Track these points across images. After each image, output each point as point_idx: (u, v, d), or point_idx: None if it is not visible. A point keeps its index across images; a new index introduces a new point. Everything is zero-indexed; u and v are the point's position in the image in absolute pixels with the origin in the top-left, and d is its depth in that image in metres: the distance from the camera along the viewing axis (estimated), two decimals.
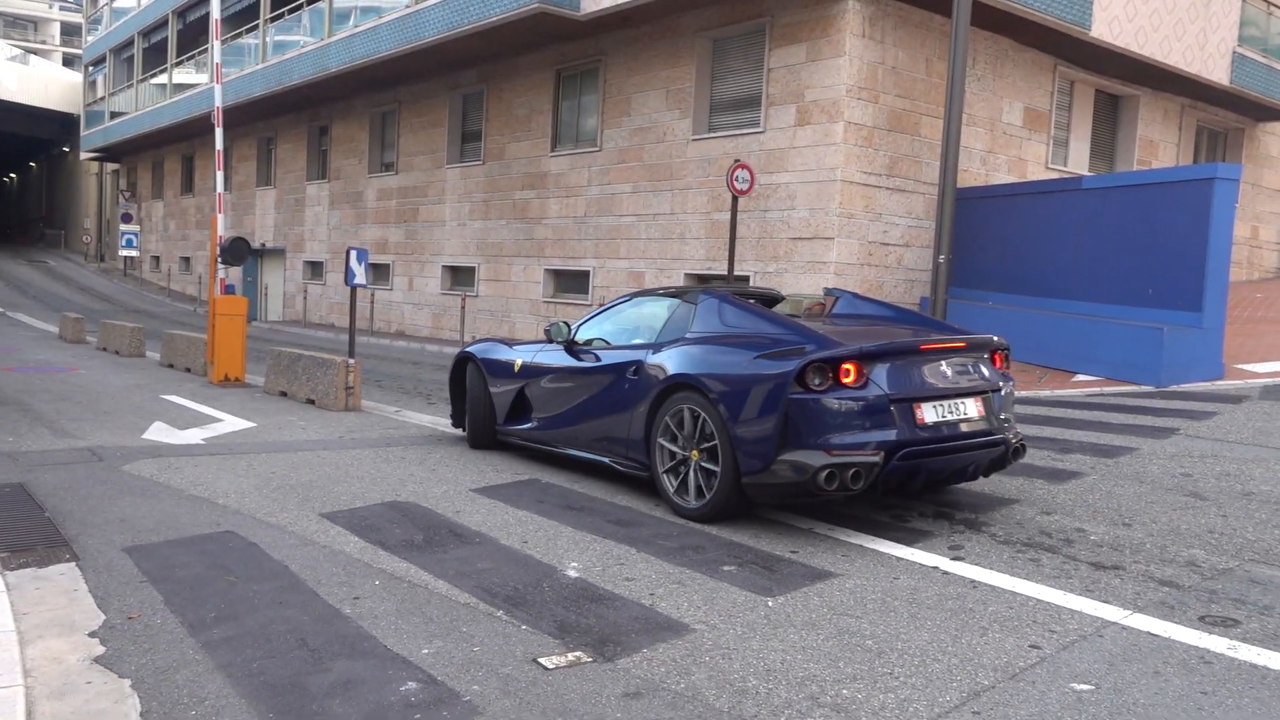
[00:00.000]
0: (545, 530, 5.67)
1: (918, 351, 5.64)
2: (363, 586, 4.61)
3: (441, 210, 22.36)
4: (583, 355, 7.13)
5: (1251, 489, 6.66)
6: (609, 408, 6.67)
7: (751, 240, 15.09)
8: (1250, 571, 4.90)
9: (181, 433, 8.91)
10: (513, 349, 8.02)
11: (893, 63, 14.40)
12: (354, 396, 10.71)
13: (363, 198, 25.31)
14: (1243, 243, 21.31)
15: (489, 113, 20.86)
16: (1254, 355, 12.69)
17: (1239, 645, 3.92)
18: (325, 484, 6.82)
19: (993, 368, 6.02)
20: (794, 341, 5.64)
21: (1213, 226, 11.46)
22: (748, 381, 5.57)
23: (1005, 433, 5.88)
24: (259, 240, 30.06)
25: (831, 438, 5.29)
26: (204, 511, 6.00)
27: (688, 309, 6.56)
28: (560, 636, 4.01)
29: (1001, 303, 14.14)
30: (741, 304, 6.29)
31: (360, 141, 25.41)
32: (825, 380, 5.34)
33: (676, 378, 5.99)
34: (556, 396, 7.31)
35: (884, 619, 4.23)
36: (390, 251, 24.14)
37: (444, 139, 22.22)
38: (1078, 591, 4.58)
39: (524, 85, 19.90)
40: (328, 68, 22.73)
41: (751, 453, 5.49)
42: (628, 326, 7.12)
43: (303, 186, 28.10)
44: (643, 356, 6.44)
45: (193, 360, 14.29)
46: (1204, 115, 20.37)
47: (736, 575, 4.83)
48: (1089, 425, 9.19)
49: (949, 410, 5.59)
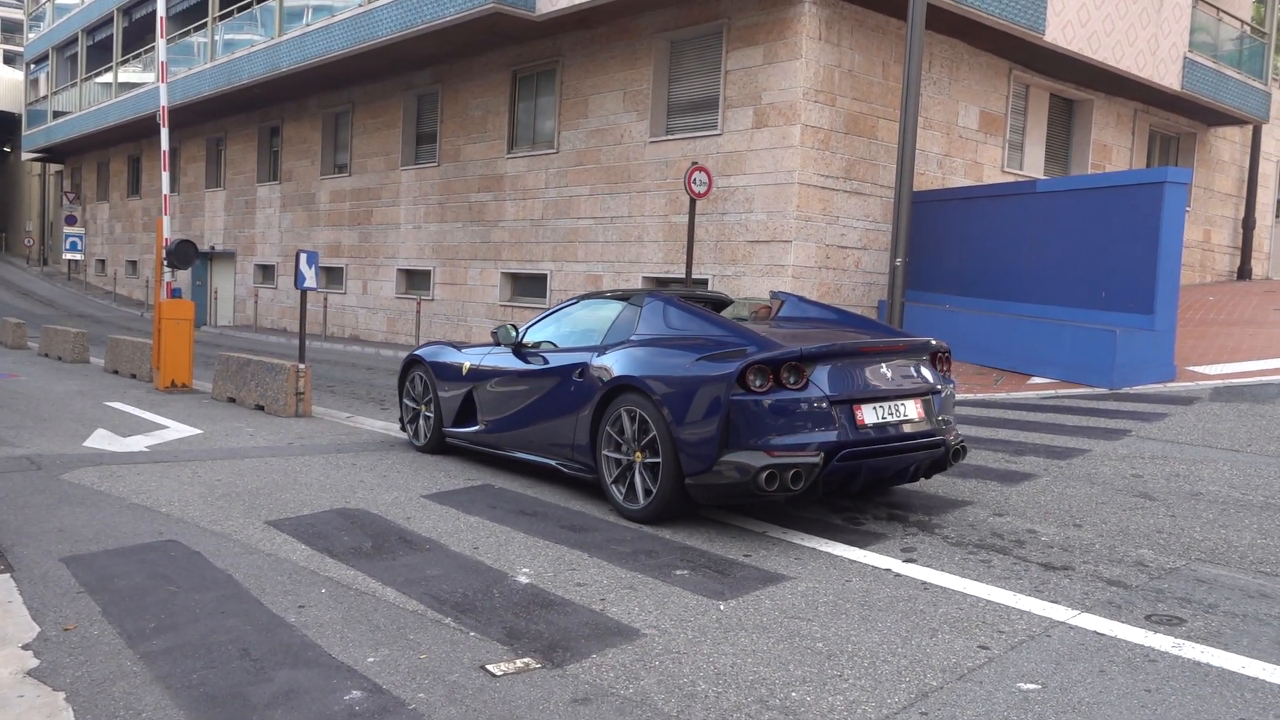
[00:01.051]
0: (497, 536, 5.66)
1: (858, 353, 5.78)
2: (308, 595, 4.58)
3: (396, 212, 22.22)
4: (530, 358, 7.22)
5: (1200, 489, 6.80)
6: (555, 410, 6.74)
7: (710, 243, 15.15)
8: (1196, 571, 5.01)
9: (125, 440, 8.77)
10: (461, 352, 8.09)
11: (849, 66, 14.54)
12: (304, 402, 10.61)
13: (315, 200, 25.08)
14: (1195, 246, 21.76)
15: (444, 114, 20.77)
16: (1205, 357, 12.96)
17: (1183, 643, 4.01)
18: (272, 491, 6.75)
19: (933, 370, 6.17)
20: (736, 343, 5.76)
21: (1164, 229, 11.69)
22: (690, 383, 5.67)
23: (945, 434, 6.02)
24: (208, 243, 29.68)
25: (772, 439, 5.41)
26: (146, 520, 5.91)
27: (633, 311, 6.65)
28: (509, 643, 4.00)
29: (958, 305, 14.31)
30: (686, 306, 6.40)
31: (313, 142, 25.18)
32: (766, 381, 5.47)
33: (620, 380, 6.08)
34: (504, 400, 7.38)
35: (835, 621, 4.27)
36: (344, 254, 23.94)
37: (398, 140, 22.09)
38: (1027, 592, 4.66)
39: (480, 86, 19.84)
40: (279, 67, 22.50)
41: (694, 454, 5.60)
42: (575, 329, 7.21)
43: (253, 188, 27.78)
44: (588, 359, 6.54)
45: (138, 366, 14.07)
46: (1156, 120, 20.78)
47: (689, 579, 4.85)
48: (1043, 427, 9.34)
49: (889, 411, 5.73)
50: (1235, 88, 20.54)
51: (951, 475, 7.25)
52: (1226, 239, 23.14)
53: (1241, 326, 15.27)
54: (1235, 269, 23.25)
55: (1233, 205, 23.24)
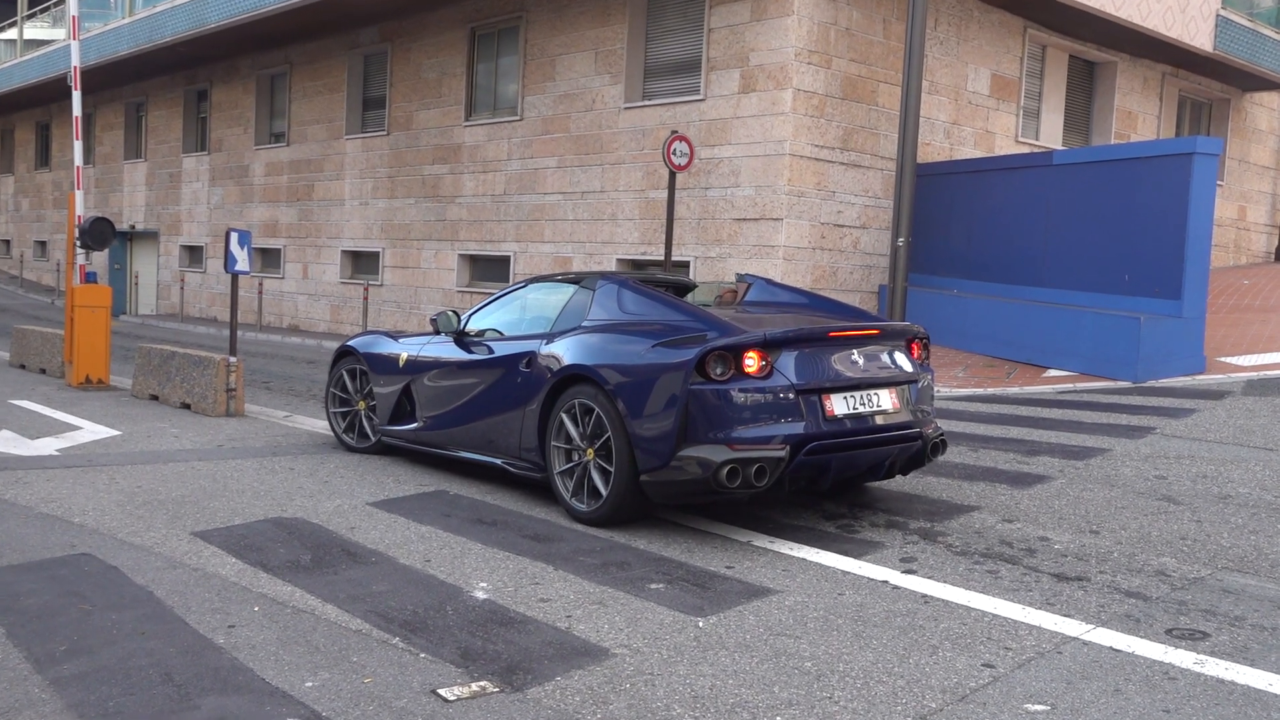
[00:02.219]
0: (451, 547, 5.68)
1: (827, 339, 5.89)
2: (239, 613, 4.59)
3: (340, 187, 22.14)
4: (473, 347, 7.32)
5: (1229, 492, 6.91)
6: (501, 404, 6.84)
7: (692, 221, 15.20)
8: (1223, 580, 5.10)
9: (32, 443, 8.74)
10: (399, 342, 8.20)
11: (846, 23, 14.61)
12: (236, 400, 10.61)
13: (249, 173, 24.96)
14: (1228, 224, 22.01)
15: (394, 76, 20.70)
16: (1238, 347, 13.13)
17: (1206, 660, 4.08)
18: (200, 499, 6.75)
19: (910, 357, 6.29)
20: (695, 329, 5.86)
21: (1192, 206, 11.83)
22: (645, 371, 5.77)
23: (923, 426, 6.14)
24: (128, 221, 29.49)
25: (734, 431, 5.52)
26: (57, 532, 5.90)
27: (585, 295, 6.77)
28: (464, 665, 4.03)
29: (966, 291, 14.43)
30: (642, 289, 6.52)
31: (245, 108, 25.04)
32: (727, 369, 5.57)
33: (571, 369, 6.18)
34: (445, 393, 7.46)
35: (826, 639, 4.32)
36: (281, 234, 23.84)
37: (342, 106, 22.01)
38: (1038, 605, 4.73)
39: (434, 45, 19.79)
40: (206, 23, 22.36)
41: (650, 449, 5.70)
42: (523, 315, 7.32)
43: (179, 160, 27.62)
44: (536, 347, 6.65)
45: (48, 360, 13.99)
46: (1186, 85, 20.99)
47: (664, 593, 4.89)
48: (1059, 425, 9.44)
49: (861, 402, 5.84)
50: (1273, 48, 20.76)
51: (958, 478, 7.33)
52: (1263, 216, 23.41)
53: (1279, 313, 15.47)
54: (1274, 249, 23.53)
55: (1270, 179, 23.51)
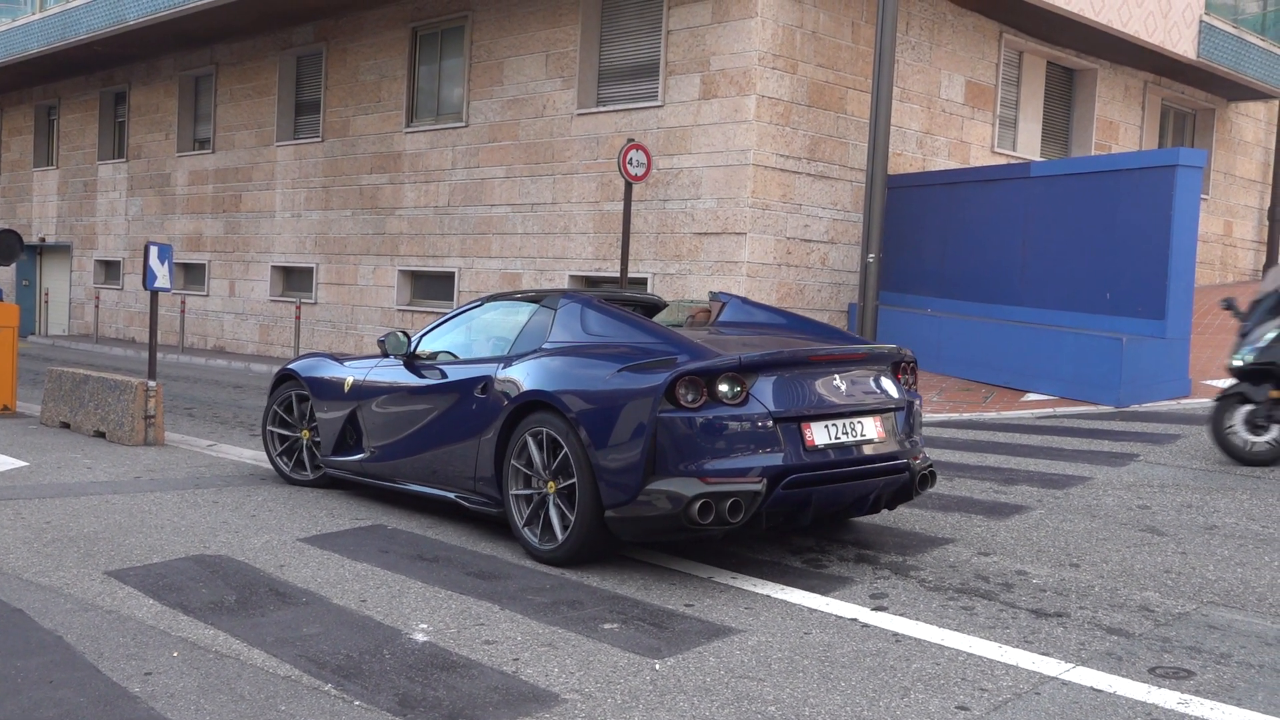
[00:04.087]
0: (389, 586, 5.65)
1: (807, 363, 5.88)
2: (157, 659, 4.54)
3: (270, 198, 22.02)
4: (425, 371, 7.27)
5: (1215, 522, 7.03)
6: (455, 433, 6.79)
7: (649, 236, 15.27)
8: (1208, 615, 5.18)
9: None
10: (344, 365, 8.11)
11: (813, 26, 14.78)
12: (156, 428, 10.52)
13: (171, 182, 24.77)
14: (1214, 240, 22.44)
15: (329, 79, 20.65)
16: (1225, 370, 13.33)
17: (1190, 699, 4.15)
18: (115, 535, 6.67)
19: (896, 383, 6.31)
20: (664, 352, 5.84)
21: (1175, 221, 12.06)
22: (609, 398, 5.74)
23: (911, 456, 6.15)
24: (37, 234, 29.18)
25: (706, 463, 5.48)
26: None
27: (546, 315, 6.74)
28: (402, 713, 4.01)
29: (941, 310, 14.60)
30: (606, 309, 6.50)
31: (167, 112, 24.89)
32: (699, 396, 5.55)
33: (530, 395, 6.14)
34: (394, 421, 7.39)
35: (790, 681, 4.34)
36: (206, 248, 23.66)
37: (273, 110, 21.92)
38: (1015, 643, 4.78)
39: (372, 46, 19.77)
40: (125, 19, 22.20)
41: (615, 482, 5.65)
42: (479, 337, 7.29)
43: (94, 167, 27.39)
44: (492, 371, 6.61)
45: None
46: (1169, 94, 21.43)
47: (619, 634, 4.90)
48: (1038, 451, 9.56)
49: (844, 430, 5.83)
50: (1258, 56, 21.25)
51: (932, 509, 7.40)
52: (1250, 232, 23.91)
53: None
54: (1261, 267, 23.99)
55: (1257, 193, 24.02)
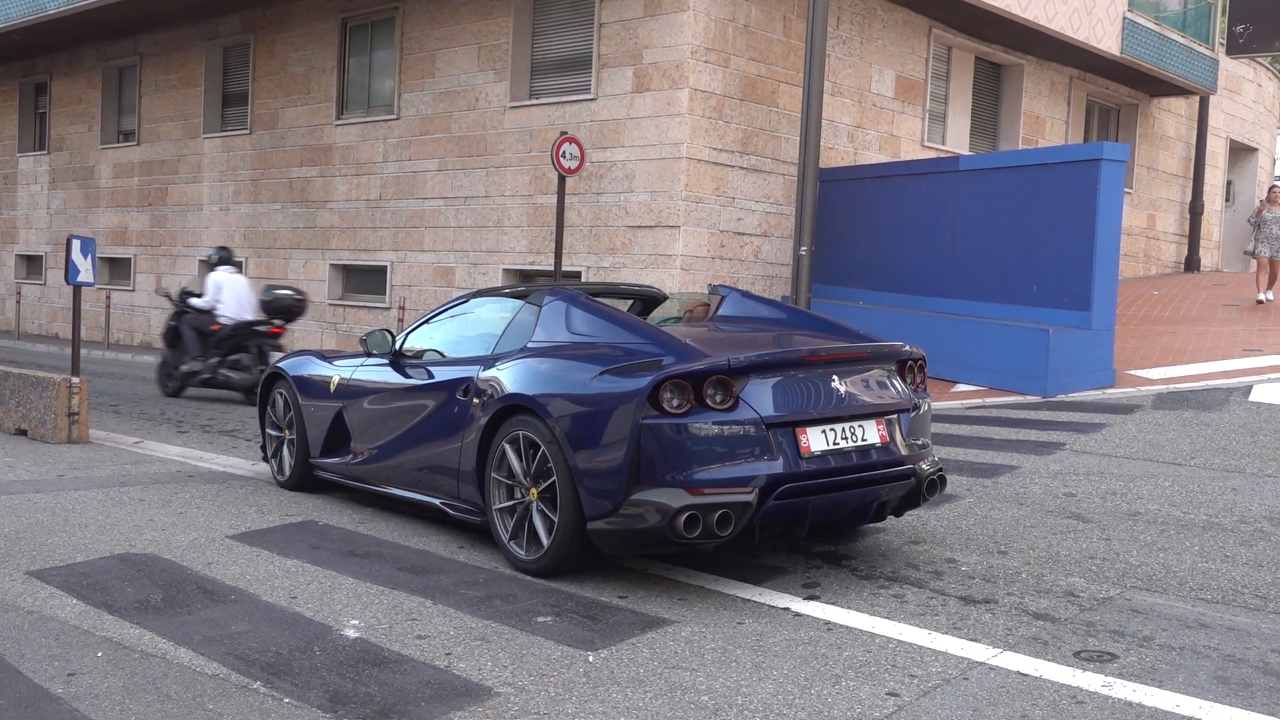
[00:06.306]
0: (320, 582, 5.60)
1: (803, 363, 5.60)
2: (80, 660, 4.47)
3: (198, 191, 21.71)
4: (410, 370, 7.04)
5: (1138, 509, 7.18)
6: (437, 436, 6.55)
7: (583, 229, 15.25)
8: (1131, 600, 5.30)
9: None
10: (332, 364, 7.88)
11: (745, 20, 14.85)
12: (80, 425, 10.35)
13: (95, 174, 24.32)
14: (1138, 233, 22.91)
15: (257, 70, 20.38)
16: (1148, 360, 13.66)
17: (1114, 682, 4.24)
18: (37, 534, 6.55)
19: (901, 383, 5.98)
20: (650, 353, 5.57)
21: (1100, 214, 12.28)
22: (591, 402, 5.48)
23: (918, 461, 5.86)
24: None
25: (694, 472, 5.21)
26: None
27: (531, 312, 6.48)
28: (333, 709, 3.98)
29: (872, 302, 14.74)
30: (593, 306, 6.24)
31: (90, 103, 24.43)
32: (685, 400, 5.27)
33: (511, 398, 5.88)
34: (379, 422, 7.17)
35: (724, 671, 4.37)
36: (132, 242, 23.27)
37: (199, 102, 21.60)
38: (944, 630, 4.85)
39: (301, 37, 19.54)
40: (45, 9, 21.75)
41: (597, 491, 5.38)
42: (465, 334, 7.05)
43: (14, 160, 26.84)
44: (475, 372, 6.34)
45: None
46: (1095, 89, 21.82)
47: (553, 627, 4.90)
48: (967, 441, 9.71)
49: (844, 435, 5.54)
50: (1179, 53, 21.72)
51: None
52: (1173, 225, 24.43)
53: (1188, 325, 16.15)
54: (1183, 259, 24.56)
55: (1179, 187, 24.55)
